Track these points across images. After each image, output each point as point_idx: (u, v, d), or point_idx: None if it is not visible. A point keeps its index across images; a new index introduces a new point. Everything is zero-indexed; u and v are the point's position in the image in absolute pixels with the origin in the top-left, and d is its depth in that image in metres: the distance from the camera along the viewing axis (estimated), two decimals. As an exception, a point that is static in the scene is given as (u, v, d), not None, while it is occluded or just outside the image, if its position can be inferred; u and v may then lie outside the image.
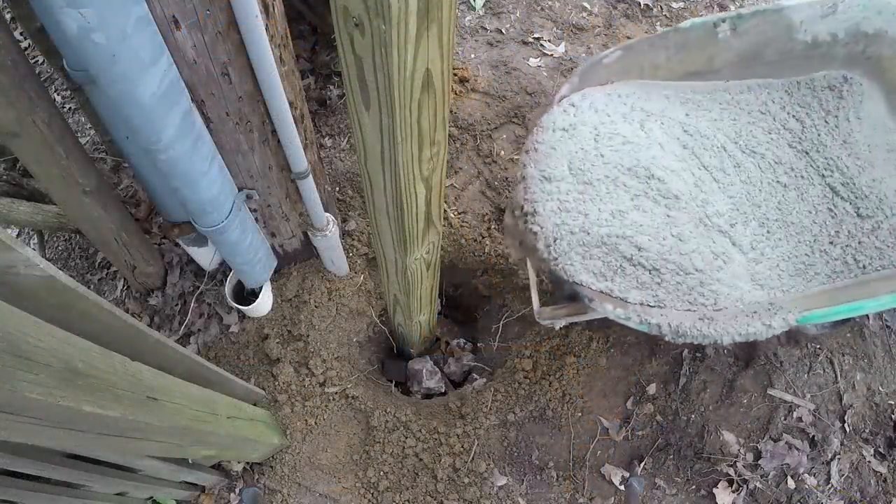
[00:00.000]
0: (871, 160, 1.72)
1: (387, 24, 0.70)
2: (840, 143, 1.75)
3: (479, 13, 2.85)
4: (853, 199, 1.67)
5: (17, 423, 0.76)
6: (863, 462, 1.79)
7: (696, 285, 1.45)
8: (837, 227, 1.64)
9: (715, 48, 1.75)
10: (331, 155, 2.41)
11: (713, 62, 1.78)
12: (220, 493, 1.84)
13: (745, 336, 1.37)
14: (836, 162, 1.71)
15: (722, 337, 1.37)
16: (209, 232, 1.53)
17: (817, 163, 1.73)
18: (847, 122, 1.78)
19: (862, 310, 1.39)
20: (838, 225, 1.65)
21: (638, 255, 1.44)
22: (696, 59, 1.77)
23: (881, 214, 1.63)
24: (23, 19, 1.56)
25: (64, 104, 2.78)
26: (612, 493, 1.82)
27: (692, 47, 1.74)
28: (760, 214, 1.66)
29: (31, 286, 0.84)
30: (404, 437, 1.92)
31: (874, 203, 1.65)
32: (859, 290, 1.48)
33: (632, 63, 1.75)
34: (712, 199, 1.62)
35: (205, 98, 1.29)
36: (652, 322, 1.38)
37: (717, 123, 1.77)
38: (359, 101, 0.90)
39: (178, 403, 1.13)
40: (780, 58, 1.78)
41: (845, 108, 1.79)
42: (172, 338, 2.09)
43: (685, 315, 1.41)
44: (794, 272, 1.59)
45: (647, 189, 1.55)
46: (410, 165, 1.01)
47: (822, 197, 1.69)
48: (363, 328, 2.12)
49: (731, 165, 1.71)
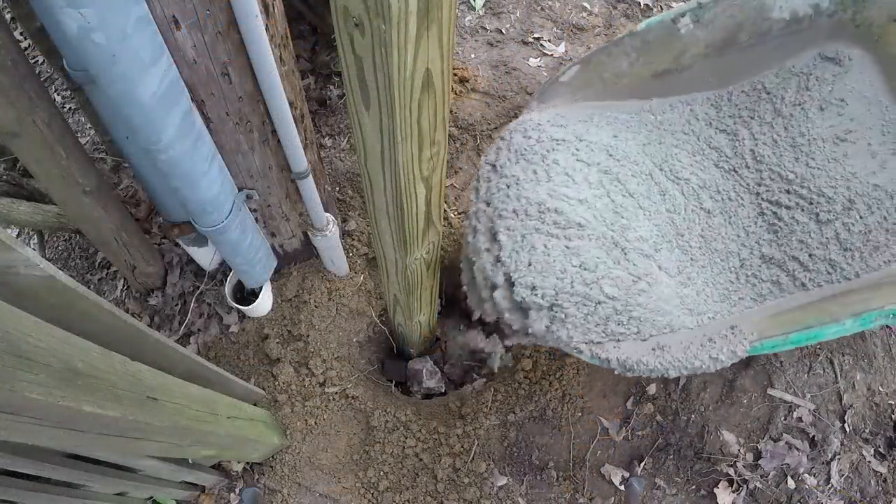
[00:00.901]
0: (845, 152, 1.57)
1: (387, 24, 0.70)
2: (788, 147, 1.61)
3: (479, 13, 2.85)
4: (807, 206, 1.54)
5: (17, 423, 0.76)
6: (863, 462, 1.79)
7: (611, 314, 1.34)
8: (781, 243, 1.54)
9: (680, 44, 1.62)
10: (331, 155, 2.41)
11: (681, 59, 1.65)
12: (220, 493, 1.84)
13: (691, 369, 1.31)
14: (778, 170, 1.59)
15: (668, 370, 1.31)
16: (209, 232, 1.53)
17: (748, 180, 1.62)
18: (808, 117, 1.62)
19: (820, 337, 1.30)
20: (782, 240, 1.54)
21: (531, 295, 1.33)
22: (661, 59, 1.65)
23: (852, 215, 1.50)
24: (23, 19, 1.56)
25: (64, 104, 2.78)
26: (612, 493, 1.82)
27: (654, 48, 1.63)
28: (683, 243, 1.58)
29: (31, 286, 0.84)
30: (404, 437, 1.92)
31: (842, 204, 1.51)
32: (812, 313, 1.37)
33: (592, 76, 1.65)
34: (634, 224, 1.52)
35: (205, 98, 1.29)
36: (601, 356, 1.33)
37: (645, 148, 1.67)
38: (359, 101, 0.90)
39: (178, 403, 1.13)
40: (757, 41, 1.63)
41: (813, 98, 1.63)
42: (172, 338, 2.09)
43: (635, 346, 1.34)
44: (718, 298, 1.51)
45: (538, 224, 1.41)
46: (410, 165, 1.01)
47: (758, 216, 1.59)
48: (363, 328, 2.12)
49: (657, 193, 1.61)
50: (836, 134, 1.59)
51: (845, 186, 1.54)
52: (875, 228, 1.49)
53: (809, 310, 1.40)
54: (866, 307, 1.28)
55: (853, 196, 1.52)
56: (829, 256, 1.49)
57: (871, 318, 1.25)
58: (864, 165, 1.54)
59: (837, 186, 1.54)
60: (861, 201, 1.52)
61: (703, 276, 1.55)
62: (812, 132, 1.61)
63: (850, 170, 1.55)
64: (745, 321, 1.43)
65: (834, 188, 1.54)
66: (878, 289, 1.37)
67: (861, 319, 1.26)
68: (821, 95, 1.64)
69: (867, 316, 1.25)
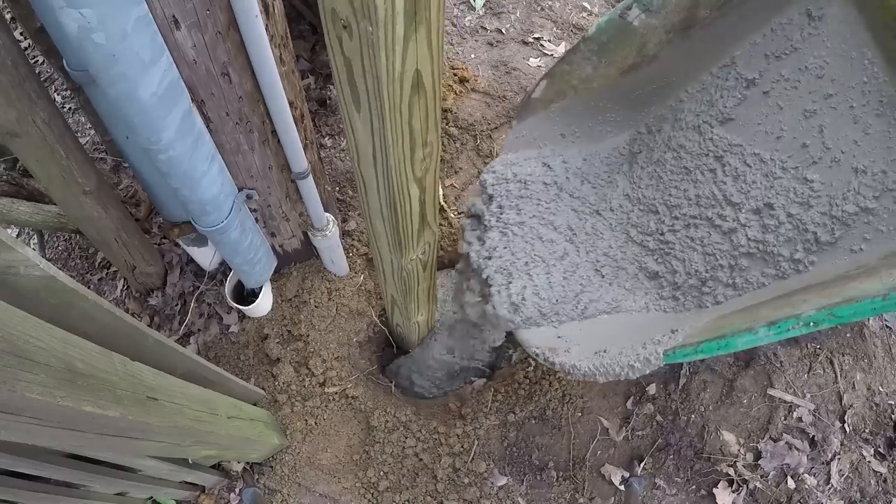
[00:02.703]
0: (820, 126, 1.41)
1: (374, 25, 0.69)
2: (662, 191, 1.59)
3: (479, 13, 2.85)
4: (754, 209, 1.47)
5: (17, 423, 0.76)
6: (863, 462, 1.79)
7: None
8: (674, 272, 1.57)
9: (638, 36, 1.53)
10: (331, 155, 2.41)
11: (645, 50, 1.56)
12: (220, 493, 1.84)
13: (613, 375, 1.35)
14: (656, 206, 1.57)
15: (595, 375, 1.36)
16: (209, 232, 1.53)
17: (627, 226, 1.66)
18: (788, 91, 1.46)
19: (732, 346, 1.23)
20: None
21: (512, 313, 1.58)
22: (623, 55, 1.57)
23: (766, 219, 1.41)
24: (23, 19, 1.56)
25: (64, 104, 2.78)
26: (612, 493, 1.82)
27: (613, 47, 1.56)
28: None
29: (31, 286, 0.84)
30: (404, 437, 1.92)
31: (755, 205, 1.44)
32: (731, 321, 1.33)
33: (561, 86, 1.62)
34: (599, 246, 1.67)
35: (205, 98, 1.29)
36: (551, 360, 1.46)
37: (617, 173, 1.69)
38: (349, 102, 0.90)
39: (178, 403, 1.13)
40: (719, 13, 1.47)
41: (787, 67, 1.45)
42: (172, 338, 2.09)
43: (579, 354, 1.43)
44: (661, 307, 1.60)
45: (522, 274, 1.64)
46: (403, 166, 1.01)
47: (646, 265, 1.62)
48: (363, 328, 2.12)
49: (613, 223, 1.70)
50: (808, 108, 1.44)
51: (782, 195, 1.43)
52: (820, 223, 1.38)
53: (730, 318, 1.36)
54: (782, 315, 1.19)
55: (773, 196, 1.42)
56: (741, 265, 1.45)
57: (786, 327, 1.16)
58: (844, 136, 1.38)
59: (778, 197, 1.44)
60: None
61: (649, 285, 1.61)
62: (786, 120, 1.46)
63: (818, 154, 1.41)
64: (685, 327, 1.42)
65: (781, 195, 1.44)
66: (805, 294, 1.29)
67: (775, 328, 1.17)
68: (792, 65, 1.47)
69: (783, 324, 1.16)
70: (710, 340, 1.22)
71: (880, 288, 1.04)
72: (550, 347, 1.49)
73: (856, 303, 1.04)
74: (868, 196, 1.29)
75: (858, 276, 1.20)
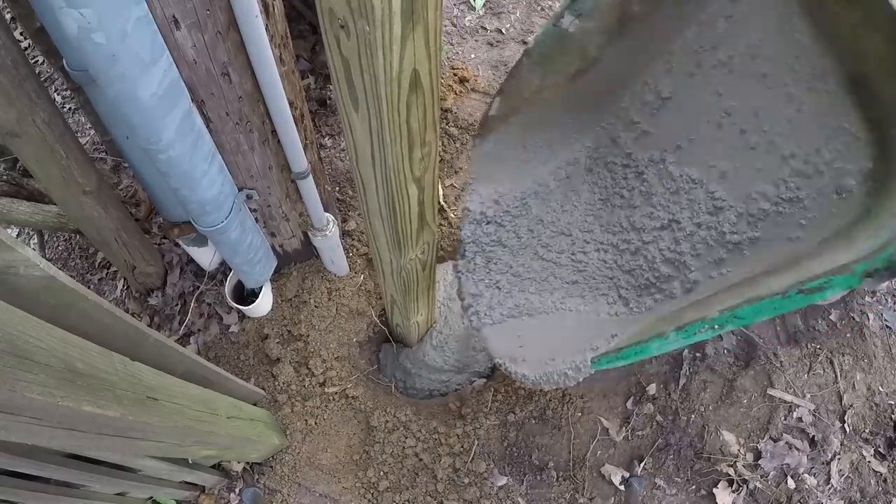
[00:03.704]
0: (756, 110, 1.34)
1: (371, 25, 0.69)
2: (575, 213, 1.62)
3: (479, 13, 2.85)
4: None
5: (17, 423, 0.76)
6: (863, 462, 1.79)
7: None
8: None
9: (576, 42, 1.49)
10: (331, 155, 2.41)
11: (587, 54, 1.52)
12: (220, 493, 1.84)
13: (553, 384, 1.36)
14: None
15: (540, 383, 1.38)
16: (209, 232, 1.53)
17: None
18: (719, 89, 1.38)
19: (647, 351, 1.21)
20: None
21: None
22: (567, 62, 1.54)
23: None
24: (23, 19, 1.56)
25: (64, 104, 2.78)
26: (612, 493, 1.82)
27: (555, 58, 1.53)
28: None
29: (31, 286, 0.84)
30: (404, 437, 1.92)
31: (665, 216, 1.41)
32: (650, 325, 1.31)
33: (515, 100, 1.59)
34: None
35: (205, 98, 1.29)
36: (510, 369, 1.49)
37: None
38: (347, 102, 0.90)
39: (178, 403, 1.13)
40: (650, 6, 1.41)
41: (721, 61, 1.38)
42: (172, 338, 2.09)
43: (531, 365, 1.44)
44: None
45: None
46: (401, 166, 1.01)
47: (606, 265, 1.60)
48: (363, 328, 2.12)
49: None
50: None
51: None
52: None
53: (659, 322, 1.33)
54: (690, 318, 1.16)
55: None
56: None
57: (693, 330, 1.13)
58: (779, 117, 1.30)
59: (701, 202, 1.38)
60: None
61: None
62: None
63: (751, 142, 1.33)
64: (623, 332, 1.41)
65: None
66: (714, 296, 1.24)
67: (683, 332, 1.14)
68: (726, 49, 1.39)
69: (690, 327, 1.13)
70: (630, 346, 1.20)
71: (781, 286, 1.00)
72: (511, 357, 1.52)
73: (756, 303, 1.01)
74: (795, 185, 1.22)
75: (768, 274, 1.15)
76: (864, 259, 0.87)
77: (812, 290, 0.92)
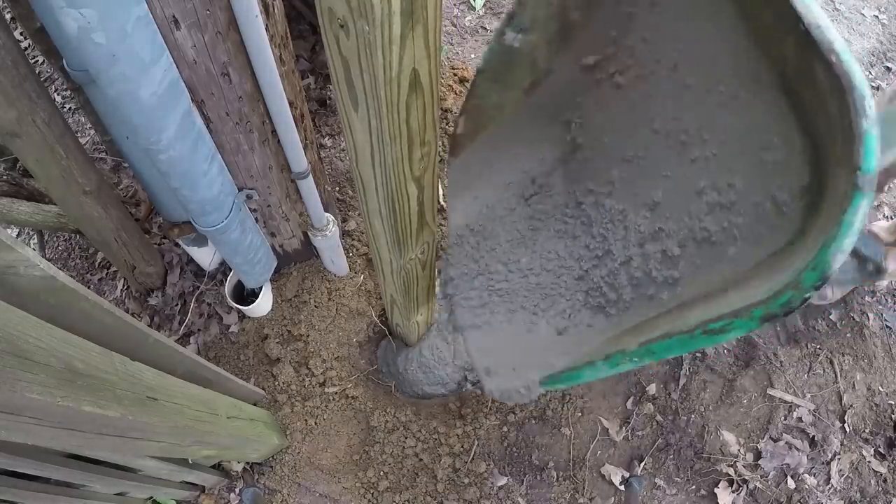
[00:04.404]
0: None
1: (370, 24, 0.69)
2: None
3: (479, 13, 2.85)
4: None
5: (17, 423, 0.76)
6: (863, 462, 1.79)
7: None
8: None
9: (524, 55, 1.41)
10: (331, 155, 2.41)
11: (537, 66, 1.43)
12: (220, 493, 1.84)
13: (511, 400, 1.34)
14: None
15: (503, 398, 1.37)
16: (209, 232, 1.53)
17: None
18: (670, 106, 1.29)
19: (581, 377, 1.14)
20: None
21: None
22: (519, 77, 1.45)
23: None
24: (23, 19, 1.56)
25: (64, 104, 2.78)
26: (612, 493, 1.82)
27: (505, 73, 1.44)
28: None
29: (31, 286, 0.84)
30: (404, 437, 1.92)
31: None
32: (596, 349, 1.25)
33: (479, 118, 1.54)
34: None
35: (205, 98, 1.29)
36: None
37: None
38: (347, 102, 0.90)
39: (178, 403, 1.13)
40: (586, 13, 1.28)
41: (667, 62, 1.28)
42: (172, 338, 2.09)
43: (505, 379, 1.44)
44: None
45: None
46: (401, 166, 1.01)
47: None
48: (363, 328, 2.12)
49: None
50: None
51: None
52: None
53: (603, 345, 1.26)
54: (616, 348, 1.10)
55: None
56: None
57: (616, 361, 1.07)
58: (719, 126, 1.16)
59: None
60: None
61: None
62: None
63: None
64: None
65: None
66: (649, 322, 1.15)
67: (610, 362, 1.08)
68: (664, 52, 1.31)
69: (614, 358, 1.07)
70: (568, 371, 1.17)
71: (689, 324, 0.89)
72: (485, 368, 1.53)
73: (666, 340, 0.91)
74: (731, 200, 1.08)
75: (689, 306, 1.03)
76: (761, 303, 0.73)
77: (715, 332, 0.80)
